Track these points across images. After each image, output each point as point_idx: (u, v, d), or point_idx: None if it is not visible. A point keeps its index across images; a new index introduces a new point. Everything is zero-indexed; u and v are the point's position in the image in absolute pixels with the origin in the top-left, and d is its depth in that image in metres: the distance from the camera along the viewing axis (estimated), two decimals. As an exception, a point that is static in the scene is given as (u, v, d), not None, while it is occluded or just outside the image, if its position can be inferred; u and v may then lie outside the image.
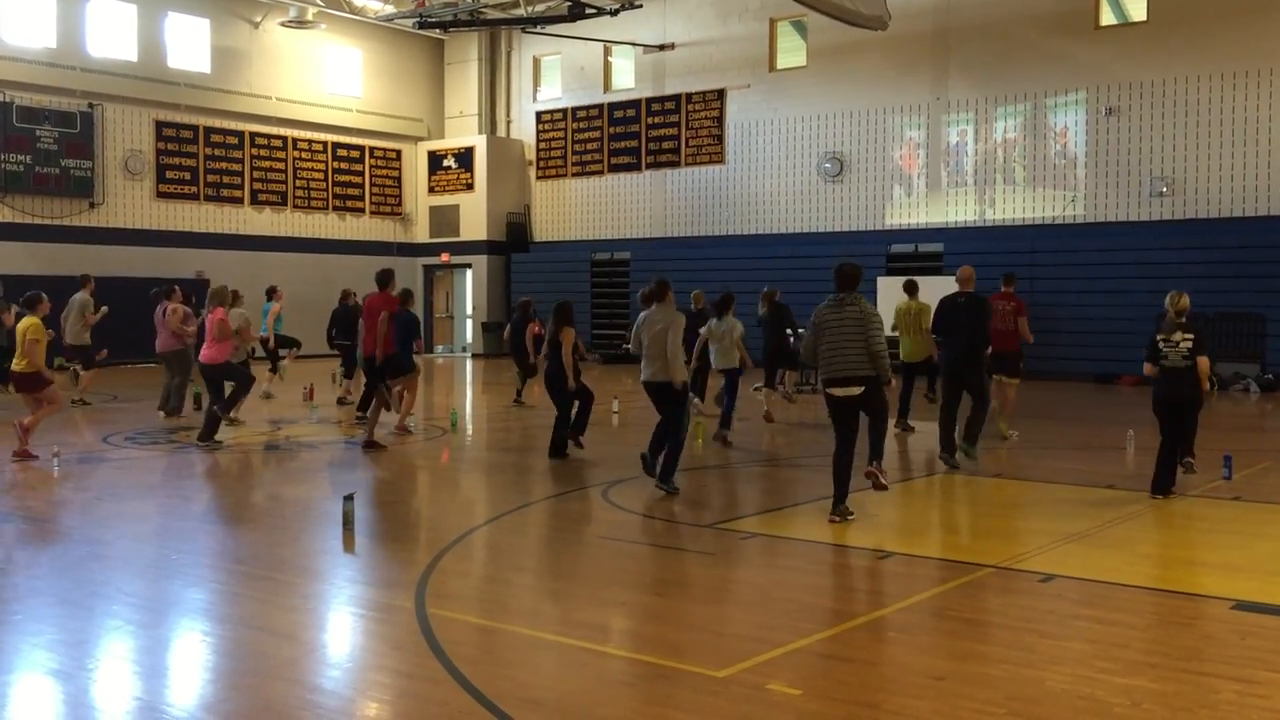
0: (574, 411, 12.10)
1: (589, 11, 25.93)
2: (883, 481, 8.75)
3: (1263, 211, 21.63)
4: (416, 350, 14.22)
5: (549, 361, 12.12)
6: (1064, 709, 4.69)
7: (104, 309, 17.03)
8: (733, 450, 12.66)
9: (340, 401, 17.08)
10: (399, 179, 32.52)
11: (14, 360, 11.81)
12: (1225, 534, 8.62)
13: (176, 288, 15.80)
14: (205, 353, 12.80)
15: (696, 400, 16.66)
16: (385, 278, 13.33)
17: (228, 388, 13.10)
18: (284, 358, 18.75)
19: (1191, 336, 9.42)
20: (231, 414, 13.50)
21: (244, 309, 15.39)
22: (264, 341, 18.00)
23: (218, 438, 12.58)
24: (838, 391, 8.64)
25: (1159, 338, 9.59)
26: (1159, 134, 22.74)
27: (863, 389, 8.54)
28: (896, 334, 14.24)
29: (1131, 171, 23.07)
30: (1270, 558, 7.66)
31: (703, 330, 13.54)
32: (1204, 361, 9.37)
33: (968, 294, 11.54)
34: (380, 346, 12.77)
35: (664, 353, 9.86)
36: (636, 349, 10.23)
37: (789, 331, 15.52)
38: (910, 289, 14.33)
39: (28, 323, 11.75)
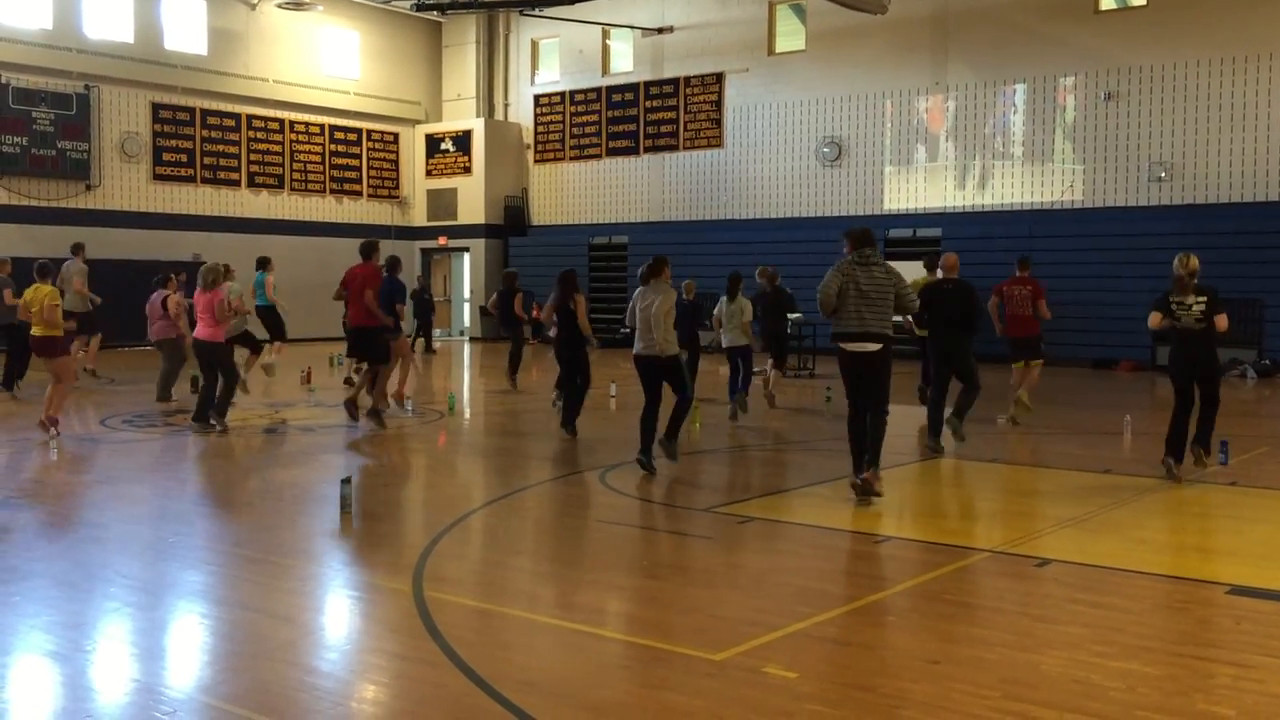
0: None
1: (587, -6, 25.85)
2: (877, 489, 8.58)
3: (1261, 197, 21.62)
4: (403, 322, 14.13)
5: (560, 331, 12.26)
6: (1059, 693, 4.70)
7: (95, 299, 16.95)
8: (730, 434, 12.67)
9: (349, 382, 16.97)
10: (396, 162, 32.43)
11: (32, 327, 12.11)
12: (1221, 519, 8.65)
13: (172, 276, 15.66)
14: (203, 331, 12.70)
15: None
16: (369, 249, 13.08)
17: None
18: (278, 350, 18.45)
19: (1204, 299, 9.28)
20: (225, 420, 13.18)
21: (236, 283, 15.31)
22: (269, 311, 17.84)
23: (211, 421, 12.55)
24: (853, 347, 8.60)
25: (1172, 298, 9.45)
26: (1158, 119, 22.70)
27: (879, 347, 8.55)
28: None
29: (1130, 156, 23.04)
30: (1266, 542, 7.68)
31: (715, 311, 14.06)
32: (1223, 319, 9.24)
33: (954, 280, 11.63)
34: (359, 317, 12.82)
35: (654, 327, 9.91)
36: (631, 323, 10.29)
37: (789, 316, 15.58)
38: (931, 266, 14.37)
39: (45, 289, 12.04)
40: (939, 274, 12.10)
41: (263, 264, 18.16)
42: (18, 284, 15.55)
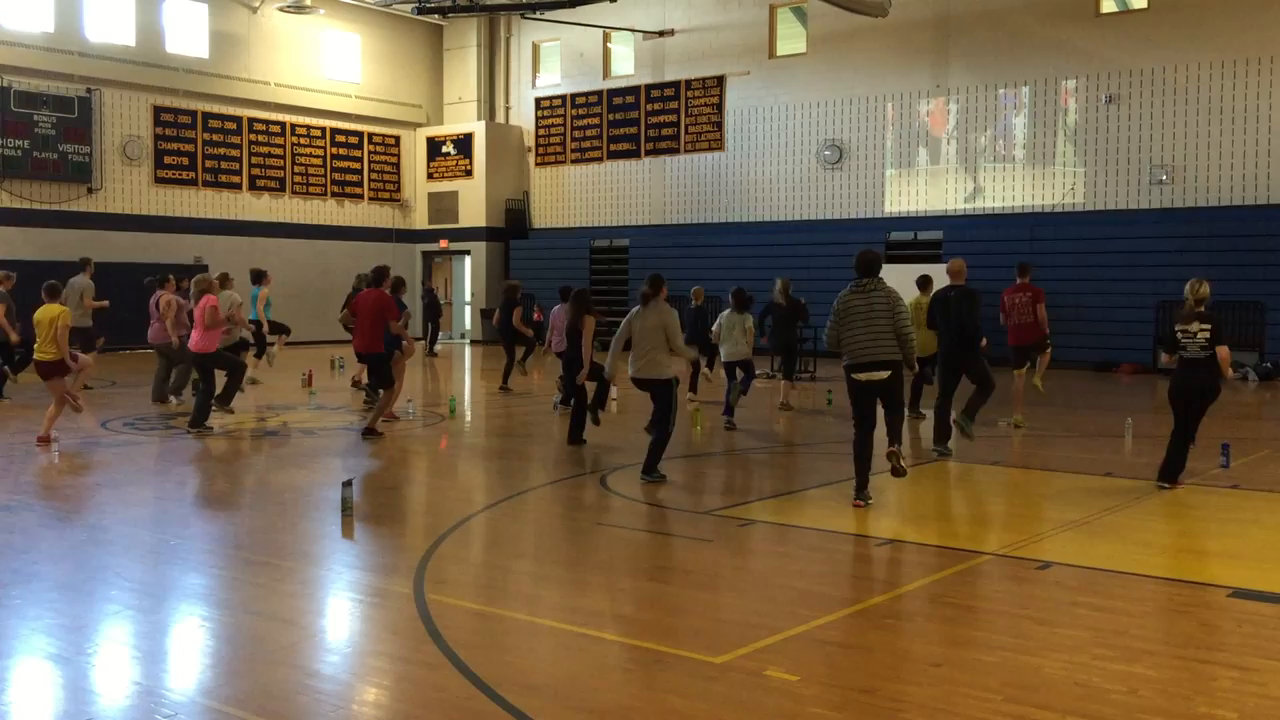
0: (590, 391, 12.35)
1: (588, -3, 25.86)
2: (901, 465, 8.69)
3: (1262, 200, 21.61)
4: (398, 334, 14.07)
5: (569, 350, 12.30)
6: (1061, 696, 4.70)
7: (104, 302, 16.96)
8: (732, 437, 12.67)
9: (356, 384, 16.98)
10: (398, 165, 32.45)
11: (37, 349, 11.78)
12: (1223, 522, 8.63)
13: (170, 277, 15.65)
14: (197, 341, 12.72)
15: (706, 370, 16.57)
16: (380, 275, 12.89)
17: (220, 375, 13.06)
18: (273, 344, 18.57)
19: (1209, 327, 9.23)
20: (230, 405, 13.35)
21: (234, 292, 15.29)
22: (256, 325, 17.87)
23: (208, 424, 12.56)
24: (863, 377, 8.65)
25: (1177, 328, 9.40)
26: (1159, 122, 22.70)
27: (889, 374, 8.59)
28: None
29: (1131, 159, 23.04)
30: (1267, 546, 7.68)
31: (715, 326, 14.09)
32: (1224, 351, 9.20)
33: (958, 287, 11.63)
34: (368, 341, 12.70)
35: (658, 347, 9.74)
36: (620, 342, 10.18)
37: (801, 325, 15.66)
38: (923, 285, 14.34)
39: (56, 310, 11.76)
40: (946, 280, 12.02)
41: (256, 278, 18.06)
42: (20, 292, 15.53)
